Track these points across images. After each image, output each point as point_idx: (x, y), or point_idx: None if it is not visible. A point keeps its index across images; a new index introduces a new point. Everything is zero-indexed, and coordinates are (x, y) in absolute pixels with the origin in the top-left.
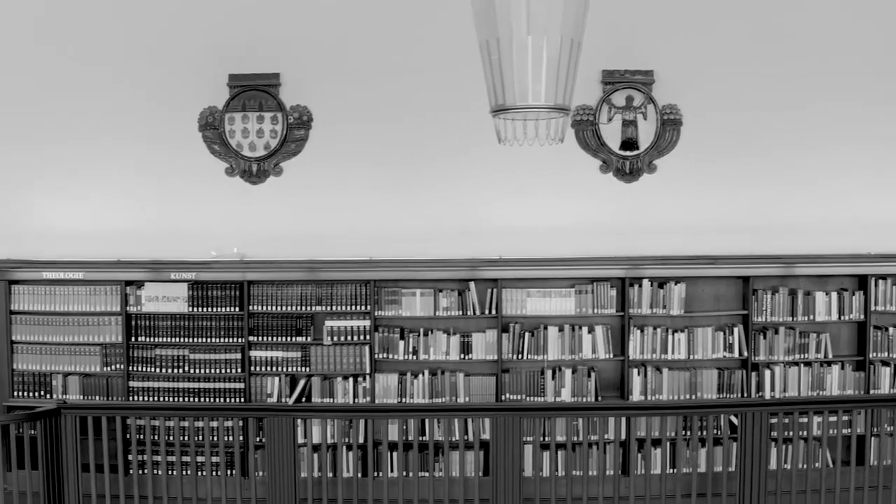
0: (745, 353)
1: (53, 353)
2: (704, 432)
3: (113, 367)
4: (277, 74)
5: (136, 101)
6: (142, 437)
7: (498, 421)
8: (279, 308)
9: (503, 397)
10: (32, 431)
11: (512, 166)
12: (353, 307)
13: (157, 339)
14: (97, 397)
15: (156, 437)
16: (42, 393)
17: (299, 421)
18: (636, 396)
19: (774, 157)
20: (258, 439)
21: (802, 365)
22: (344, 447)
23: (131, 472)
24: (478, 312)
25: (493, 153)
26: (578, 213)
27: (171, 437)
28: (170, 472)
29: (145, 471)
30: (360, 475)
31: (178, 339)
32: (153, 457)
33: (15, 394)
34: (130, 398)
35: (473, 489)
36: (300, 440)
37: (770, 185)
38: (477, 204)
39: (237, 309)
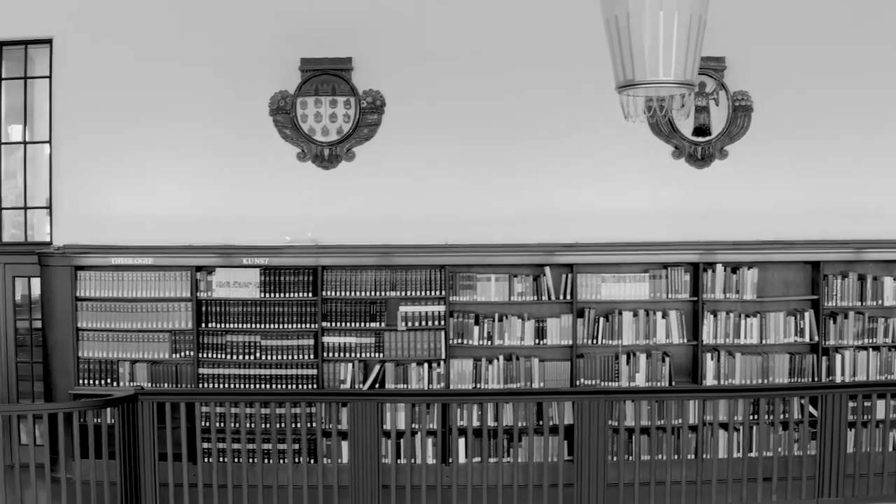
0: (816, 338)
1: (121, 340)
2: (770, 416)
3: (182, 353)
4: (350, 59)
5: (206, 86)
6: (215, 424)
7: (583, 404)
8: (353, 294)
9: (577, 382)
10: (97, 420)
11: (586, 152)
12: (428, 292)
13: (227, 326)
14: (165, 384)
15: (221, 425)
16: (108, 381)
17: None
18: (709, 381)
19: (844, 142)
20: (330, 426)
21: (871, 349)
22: (420, 434)
23: (210, 460)
24: (552, 297)
25: (568, 138)
26: (651, 199)
27: (239, 425)
28: (237, 460)
29: (224, 459)
30: (435, 461)
31: (249, 326)
32: (232, 445)
33: (80, 381)
34: (200, 385)
35: (554, 474)
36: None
37: (840, 170)
38: (551, 189)
39: (310, 294)
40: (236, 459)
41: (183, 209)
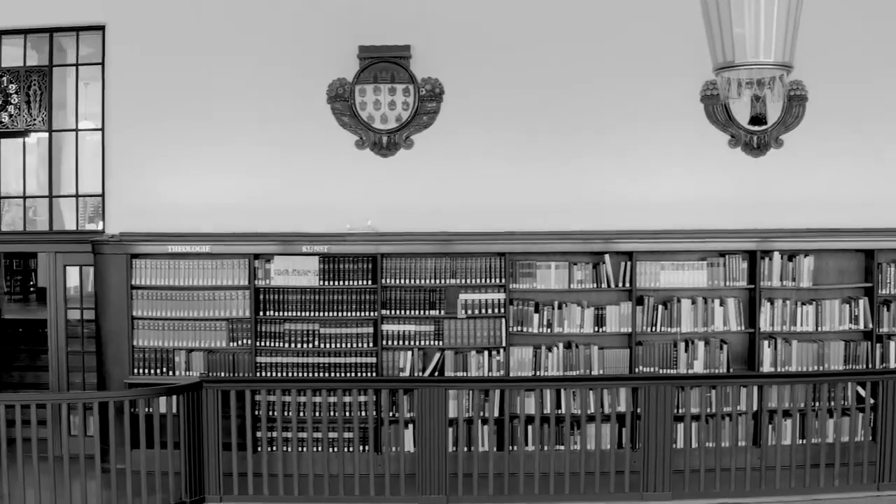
0: (870, 325)
1: (176, 329)
2: (832, 403)
3: (239, 342)
4: (408, 46)
5: (263, 73)
6: (280, 413)
7: (650, 391)
8: (412, 281)
9: (636, 370)
10: (149, 409)
11: (644, 140)
12: (488, 280)
13: (285, 314)
14: (222, 373)
15: (272, 413)
16: (164, 370)
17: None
18: (766, 368)
19: None
20: (396, 414)
21: None
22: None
23: (274, 449)
24: (612, 285)
25: (626, 127)
26: (709, 187)
27: (293, 413)
28: (302, 449)
29: (287, 448)
30: (495, 449)
31: (308, 314)
32: (286, 434)
33: (135, 371)
34: (257, 374)
35: (616, 462)
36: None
37: (893, 158)
38: (609, 177)
39: (370, 282)
40: (301, 449)
41: (239, 197)
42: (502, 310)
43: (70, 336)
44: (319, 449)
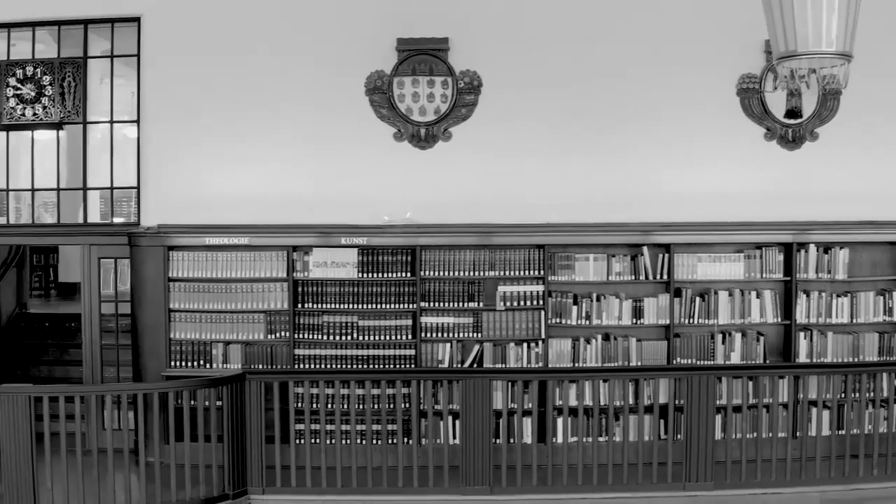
0: None
1: (214, 322)
2: (871, 393)
3: (277, 334)
4: (446, 39)
5: (301, 65)
6: (323, 405)
7: (692, 381)
8: (451, 273)
9: (674, 361)
10: (193, 402)
11: (680, 133)
12: (526, 272)
13: (324, 306)
14: (260, 365)
15: (330, 406)
16: (201, 362)
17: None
18: (802, 360)
19: None
20: (439, 406)
21: None
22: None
23: (317, 441)
24: (650, 277)
25: (663, 120)
26: (744, 180)
27: (345, 406)
28: (346, 441)
29: (332, 440)
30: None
31: (346, 306)
32: (342, 426)
33: (172, 364)
34: (296, 366)
35: (653, 453)
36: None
37: None
38: (646, 170)
39: (408, 274)
40: (346, 441)
41: (275, 190)
42: (541, 302)
43: (103, 330)
44: (363, 441)
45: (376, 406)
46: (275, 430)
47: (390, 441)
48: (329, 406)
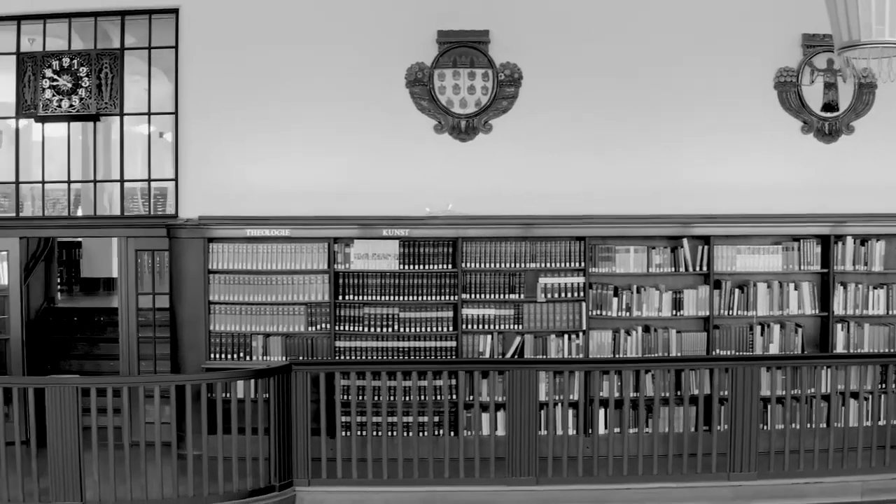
0: None
1: (254, 314)
2: None
3: (318, 326)
4: (487, 31)
5: (341, 57)
6: (369, 397)
7: (737, 372)
8: (492, 265)
9: (713, 353)
10: (226, 394)
11: (717, 126)
12: (567, 264)
13: (365, 298)
14: (300, 357)
15: (377, 398)
16: (241, 355)
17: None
18: (839, 351)
19: None
20: (469, 398)
21: None
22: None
23: (363, 433)
24: (689, 269)
25: (701, 113)
26: (782, 172)
27: (392, 397)
28: (392, 433)
29: (379, 432)
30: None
31: (387, 298)
32: (388, 418)
33: (211, 356)
34: (337, 358)
35: (697, 443)
36: None
37: None
38: (684, 163)
39: (449, 266)
40: (392, 433)
41: (314, 182)
42: (581, 294)
43: (141, 325)
44: (410, 434)
45: (423, 398)
46: (320, 421)
47: (437, 433)
48: (375, 398)
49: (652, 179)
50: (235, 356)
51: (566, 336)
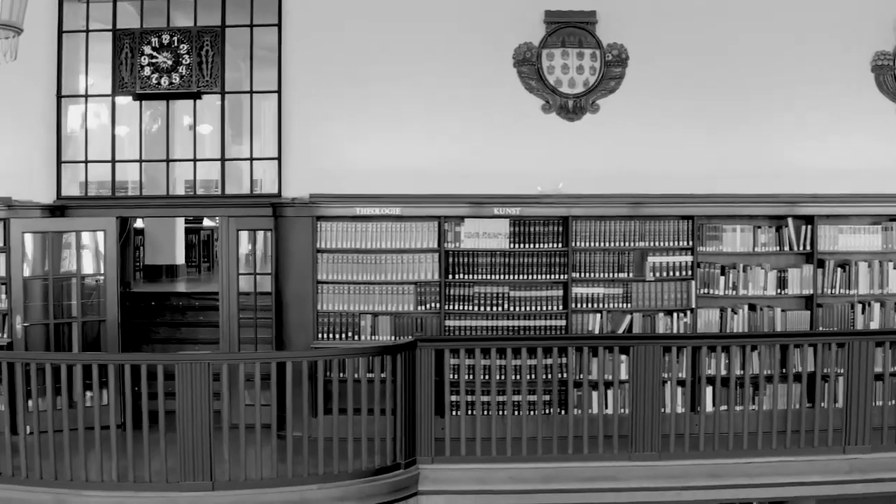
0: None
1: (362, 293)
2: None
3: (427, 305)
4: (594, 12)
5: (448, 35)
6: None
7: (853, 346)
8: (600, 244)
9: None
10: (342, 374)
11: (819, 108)
12: (675, 243)
13: (475, 277)
14: (409, 337)
15: (501, 377)
16: (349, 334)
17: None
18: None
19: None
20: (579, 376)
21: None
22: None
23: (488, 412)
24: (794, 248)
25: (800, 94)
26: (879, 154)
27: (503, 377)
28: (516, 412)
29: (503, 411)
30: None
31: (497, 276)
32: (500, 397)
33: (319, 335)
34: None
35: (822, 420)
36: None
37: None
38: (783, 143)
39: (560, 245)
40: (516, 412)
41: (420, 161)
42: (689, 272)
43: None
44: (534, 413)
45: (532, 376)
46: (445, 399)
47: (561, 412)
48: (484, 377)
49: (754, 160)
50: (343, 336)
51: (674, 314)
